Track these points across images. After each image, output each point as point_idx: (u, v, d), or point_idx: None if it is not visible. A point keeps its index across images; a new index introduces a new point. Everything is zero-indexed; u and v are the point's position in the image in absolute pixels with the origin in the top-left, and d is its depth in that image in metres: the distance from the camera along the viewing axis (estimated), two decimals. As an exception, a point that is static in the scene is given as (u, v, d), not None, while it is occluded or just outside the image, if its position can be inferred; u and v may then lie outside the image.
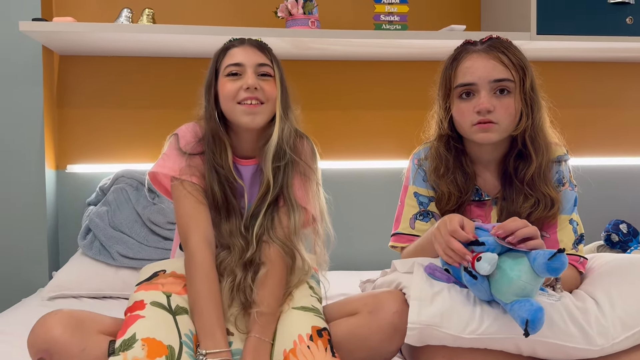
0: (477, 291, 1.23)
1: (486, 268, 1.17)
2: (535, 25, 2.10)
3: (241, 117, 1.43)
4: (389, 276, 1.40)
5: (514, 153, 1.46)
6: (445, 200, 1.46)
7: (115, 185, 2.13)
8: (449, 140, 1.48)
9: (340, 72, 2.41)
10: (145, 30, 1.99)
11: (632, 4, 2.14)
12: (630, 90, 2.58)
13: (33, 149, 2.13)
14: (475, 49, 1.43)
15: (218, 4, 2.34)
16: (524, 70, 1.41)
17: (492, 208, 1.49)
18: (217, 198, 1.42)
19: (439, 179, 1.46)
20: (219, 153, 1.44)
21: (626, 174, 2.55)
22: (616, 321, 1.24)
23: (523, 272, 1.16)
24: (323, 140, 1.61)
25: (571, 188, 1.48)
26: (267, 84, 1.44)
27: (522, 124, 1.41)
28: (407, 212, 1.51)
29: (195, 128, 1.49)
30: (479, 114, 1.38)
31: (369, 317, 1.27)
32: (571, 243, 1.44)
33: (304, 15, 2.08)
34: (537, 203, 1.42)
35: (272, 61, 1.47)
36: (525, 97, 1.41)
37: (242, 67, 1.43)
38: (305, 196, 1.46)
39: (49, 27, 1.93)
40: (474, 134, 1.41)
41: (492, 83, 1.39)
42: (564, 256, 1.13)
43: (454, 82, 1.42)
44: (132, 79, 2.30)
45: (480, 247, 1.20)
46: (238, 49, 1.47)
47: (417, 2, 2.31)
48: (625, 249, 2.14)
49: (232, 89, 1.42)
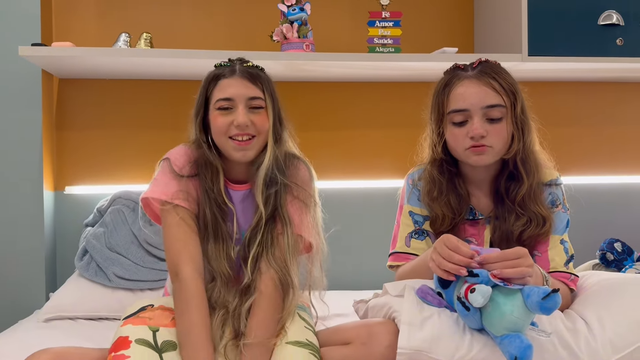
0: (468, 321, 1.24)
1: (479, 301, 1.17)
2: (526, 47, 2.13)
3: (233, 152, 1.43)
4: (381, 299, 1.40)
5: (506, 174, 1.48)
6: (440, 222, 1.49)
7: (112, 206, 2.15)
8: (442, 163, 1.51)
9: (334, 94, 2.44)
10: (143, 55, 2.02)
11: (621, 25, 2.17)
12: (621, 110, 2.61)
13: (32, 171, 2.15)
14: (466, 74, 1.45)
15: (215, 28, 2.38)
16: (515, 94, 1.44)
17: (485, 227, 1.50)
18: (207, 221, 1.41)
19: (432, 202, 1.49)
20: (211, 176, 1.44)
21: (620, 192, 2.57)
22: (606, 343, 1.25)
23: (516, 307, 1.17)
24: (318, 161, 1.63)
25: (564, 210, 1.50)
26: (258, 117, 1.43)
27: (513, 148, 1.45)
28: (403, 231, 1.53)
29: (186, 151, 1.49)
30: (472, 139, 1.42)
31: (361, 348, 1.27)
32: (562, 262, 1.45)
33: (298, 39, 2.11)
34: (529, 222, 1.44)
35: (264, 91, 1.45)
36: (517, 121, 1.44)
37: (233, 101, 1.42)
38: (300, 223, 1.44)
39: (48, 52, 1.96)
40: (468, 158, 1.45)
41: (484, 109, 1.42)
42: (558, 296, 1.13)
43: (447, 108, 1.45)
44: (130, 101, 2.33)
45: (474, 278, 1.21)
46: (229, 80, 1.44)
47: (410, 24, 2.34)
48: (620, 268, 2.15)
49: (223, 124, 1.42)
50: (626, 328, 1.27)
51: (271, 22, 2.25)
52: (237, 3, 2.38)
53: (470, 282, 1.21)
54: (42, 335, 1.72)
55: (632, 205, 2.57)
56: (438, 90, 1.49)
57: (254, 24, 2.37)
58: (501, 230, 1.47)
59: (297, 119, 1.54)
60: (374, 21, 2.18)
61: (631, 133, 2.62)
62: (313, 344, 1.30)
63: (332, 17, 2.42)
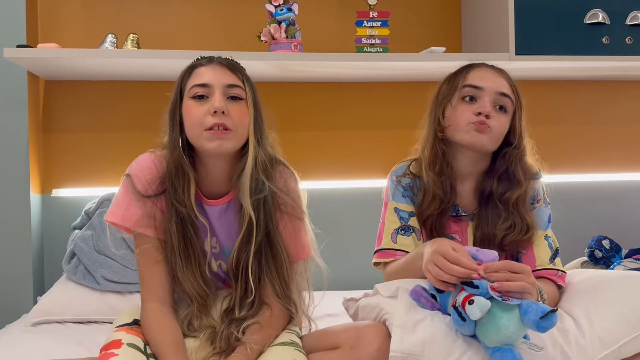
0: (462, 330, 1.23)
1: (477, 314, 1.16)
2: (513, 46, 2.14)
3: (207, 143, 1.29)
4: (372, 299, 1.39)
5: (496, 174, 1.49)
6: (429, 201, 1.47)
7: (100, 209, 2.13)
8: (440, 142, 1.50)
9: (322, 94, 2.44)
10: (129, 56, 2.01)
11: (607, 24, 2.19)
12: (607, 108, 2.63)
13: (18, 174, 2.13)
14: (485, 65, 1.53)
15: (202, 28, 2.37)
16: (519, 99, 1.50)
17: (468, 224, 1.51)
18: (174, 244, 1.31)
19: (436, 176, 1.47)
20: (182, 187, 1.31)
21: (607, 190, 2.58)
22: (595, 340, 1.26)
23: (512, 322, 1.16)
24: (306, 161, 1.63)
25: (545, 205, 1.52)
26: (237, 107, 1.31)
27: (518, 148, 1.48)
28: (389, 228, 1.52)
29: (150, 164, 1.36)
30: (479, 115, 1.44)
31: (350, 352, 1.25)
32: (548, 258, 1.46)
33: (286, 39, 2.11)
34: (513, 227, 1.45)
35: (244, 82, 1.34)
36: (517, 122, 1.49)
37: (209, 88, 1.30)
38: (293, 237, 1.38)
39: (34, 54, 1.94)
40: (468, 133, 1.45)
41: (496, 95, 1.46)
42: (555, 316, 1.13)
43: (463, 82, 1.49)
44: (117, 103, 2.31)
45: (473, 289, 1.19)
46: (205, 68, 1.33)
47: (397, 24, 2.34)
48: (609, 265, 2.16)
49: (198, 114, 1.29)
50: (613, 324, 1.28)
51: (259, 23, 2.24)
52: (224, 3, 2.37)
53: (469, 292, 1.20)
54: (29, 339, 1.70)
55: (619, 203, 2.59)
56: (451, 75, 1.54)
57: (241, 24, 2.36)
58: (484, 231, 1.47)
59: (285, 119, 1.52)
60: (362, 21, 2.18)
61: (617, 131, 2.64)
62: (296, 343, 1.30)
63: (320, 17, 2.42)
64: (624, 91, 2.63)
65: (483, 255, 1.26)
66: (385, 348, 1.22)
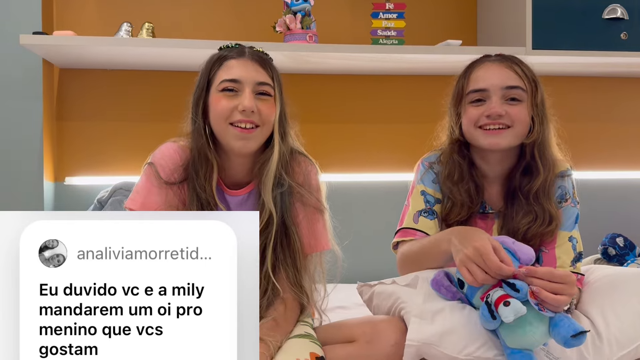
0: (486, 325, 1.21)
1: (510, 318, 1.13)
2: (530, 40, 2.12)
3: (233, 141, 1.29)
4: (389, 287, 1.38)
5: (522, 167, 1.45)
6: (458, 210, 1.44)
7: (113, 197, 2.14)
8: (461, 147, 1.47)
9: (337, 86, 2.43)
10: (144, 44, 2.01)
11: (626, 19, 2.16)
12: (624, 105, 2.60)
13: (32, 161, 2.14)
14: (489, 59, 1.47)
15: (217, 18, 2.36)
16: (536, 84, 1.44)
17: (494, 221, 1.48)
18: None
19: (454, 186, 1.44)
20: (204, 174, 1.30)
21: (622, 187, 2.56)
22: (612, 340, 1.25)
23: (539, 330, 1.15)
24: (320, 154, 1.61)
25: (573, 204, 1.48)
26: (266, 104, 1.30)
27: (534, 134, 1.41)
28: (412, 209, 1.48)
29: (173, 154, 1.35)
30: (489, 117, 1.39)
31: (366, 347, 1.25)
32: (569, 260, 1.43)
33: (302, 30, 2.10)
34: (535, 219, 1.41)
35: (274, 79, 1.33)
36: (537, 110, 1.42)
37: (239, 83, 1.29)
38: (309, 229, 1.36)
39: (49, 41, 1.95)
40: (481, 139, 1.41)
41: (504, 90, 1.40)
42: (585, 337, 1.12)
43: (467, 88, 1.44)
44: (131, 92, 2.32)
45: (513, 291, 1.16)
46: (236, 61, 1.31)
47: (414, 17, 2.33)
48: (622, 263, 2.15)
49: (225, 108, 1.28)
50: (630, 324, 1.27)
51: (274, 13, 2.23)
52: (239, -7, 2.37)
53: (506, 292, 1.17)
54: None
55: (634, 200, 2.57)
56: (460, 74, 1.49)
57: (256, 14, 2.35)
58: (508, 227, 1.44)
59: (299, 111, 1.50)
60: (378, 13, 2.16)
61: (634, 128, 2.61)
62: (312, 335, 1.29)
63: (336, 9, 2.40)
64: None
65: (521, 252, 1.23)
66: (402, 343, 1.22)
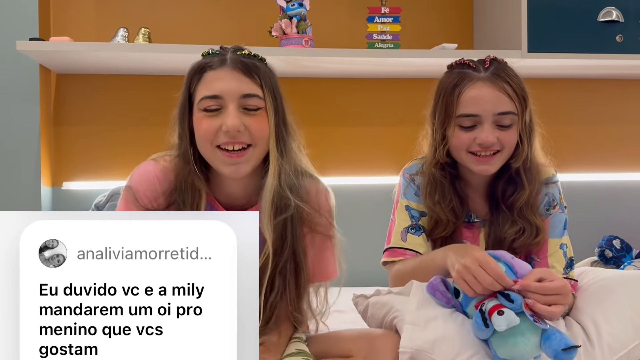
0: (478, 333, 1.21)
1: (502, 327, 1.14)
2: (526, 43, 2.13)
3: (222, 166, 1.16)
4: (384, 297, 1.37)
5: (504, 177, 1.45)
6: (442, 227, 1.44)
7: (110, 202, 2.14)
8: (444, 166, 1.46)
9: (333, 90, 2.43)
10: (141, 50, 2.01)
11: (621, 22, 2.17)
12: (620, 107, 2.61)
13: (29, 166, 2.14)
14: (479, 76, 1.39)
15: (213, 23, 2.37)
16: (525, 100, 1.41)
17: (480, 230, 1.48)
18: None
19: (435, 206, 1.44)
20: (191, 203, 1.18)
21: (619, 189, 2.57)
22: (604, 346, 1.25)
23: (531, 342, 1.15)
24: (315, 157, 1.61)
25: (561, 210, 1.47)
26: (255, 120, 1.14)
27: (520, 155, 1.41)
28: (399, 226, 1.48)
29: (152, 179, 1.21)
30: (480, 145, 1.37)
31: None
32: (562, 268, 1.43)
33: (297, 35, 2.11)
34: (523, 231, 1.41)
35: (263, 87, 1.16)
36: (525, 127, 1.41)
37: (221, 99, 1.13)
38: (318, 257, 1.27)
39: (46, 47, 1.95)
40: (472, 164, 1.40)
41: (495, 116, 1.37)
42: (576, 352, 1.12)
43: (457, 111, 1.39)
44: (128, 97, 2.32)
45: (508, 302, 1.17)
46: (216, 72, 1.15)
47: (409, 21, 2.34)
48: (619, 265, 2.15)
49: (208, 130, 1.13)
50: (621, 329, 1.27)
51: (270, 18, 2.24)
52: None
53: (501, 302, 1.18)
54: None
55: (631, 203, 2.57)
56: (446, 89, 1.41)
57: (252, 19, 2.36)
58: (494, 236, 1.44)
59: (294, 115, 1.48)
60: (373, 17, 2.17)
61: (630, 130, 2.62)
62: (305, 352, 1.24)
63: (331, 13, 2.41)
64: (638, 90, 2.61)
65: (519, 267, 1.23)
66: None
